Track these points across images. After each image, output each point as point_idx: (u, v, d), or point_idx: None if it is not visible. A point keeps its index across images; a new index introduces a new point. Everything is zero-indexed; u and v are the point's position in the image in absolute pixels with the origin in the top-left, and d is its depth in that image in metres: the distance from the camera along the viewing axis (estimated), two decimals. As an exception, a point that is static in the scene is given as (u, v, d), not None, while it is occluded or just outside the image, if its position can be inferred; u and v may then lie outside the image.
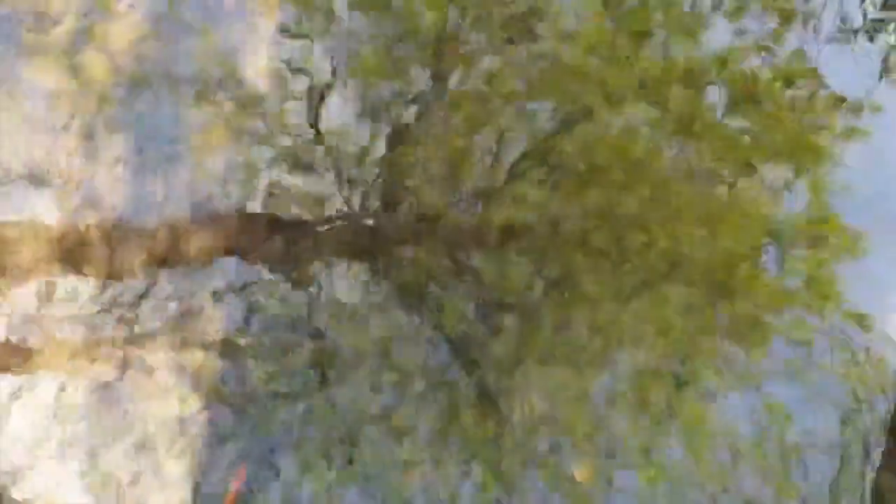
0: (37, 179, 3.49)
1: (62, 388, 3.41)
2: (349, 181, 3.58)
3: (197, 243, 3.43)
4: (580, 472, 3.28)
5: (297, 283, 3.54)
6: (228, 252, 3.51)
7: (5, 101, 3.47)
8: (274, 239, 3.52)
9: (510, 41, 3.59)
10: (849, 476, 3.49)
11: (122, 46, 3.50)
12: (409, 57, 3.55)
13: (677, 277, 3.39)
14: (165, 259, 3.46)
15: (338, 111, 3.62)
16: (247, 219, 3.53)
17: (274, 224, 3.55)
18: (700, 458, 3.45)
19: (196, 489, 3.32)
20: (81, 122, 3.49)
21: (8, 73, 3.46)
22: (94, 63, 3.51)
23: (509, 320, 3.35)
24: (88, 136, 3.50)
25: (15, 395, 3.42)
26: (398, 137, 3.59)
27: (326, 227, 3.56)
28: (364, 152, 3.59)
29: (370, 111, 3.59)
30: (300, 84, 3.62)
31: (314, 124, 3.58)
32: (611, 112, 3.46)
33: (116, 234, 3.49)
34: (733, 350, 3.51)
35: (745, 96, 3.50)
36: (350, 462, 3.41)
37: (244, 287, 3.50)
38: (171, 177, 3.49)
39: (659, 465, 3.49)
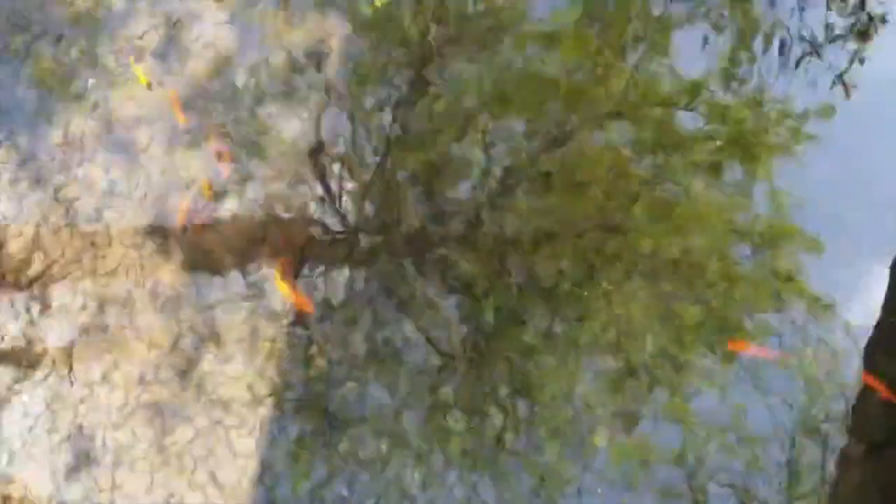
0: (121, 193, 4.03)
1: (141, 377, 3.92)
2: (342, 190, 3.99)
3: (268, 249, 3.97)
4: (598, 439, 3.79)
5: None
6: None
7: (99, 127, 4.07)
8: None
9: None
10: (806, 463, 3.71)
11: (195, 82, 4.09)
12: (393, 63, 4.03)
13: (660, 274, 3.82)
14: (243, 261, 3.99)
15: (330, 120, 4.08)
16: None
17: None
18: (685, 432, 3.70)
19: (264, 461, 3.78)
20: (158, 144, 4.05)
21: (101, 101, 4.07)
22: (169, 95, 4.08)
23: (539, 314, 3.83)
24: (164, 155, 4.06)
25: (103, 379, 3.92)
26: (385, 145, 4.01)
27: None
28: (355, 160, 4.02)
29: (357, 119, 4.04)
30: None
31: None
32: (592, 131, 3.90)
33: (190, 240, 4.02)
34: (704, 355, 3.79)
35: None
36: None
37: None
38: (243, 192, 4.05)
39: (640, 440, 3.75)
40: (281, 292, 3.85)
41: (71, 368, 3.87)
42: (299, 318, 3.88)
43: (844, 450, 3.73)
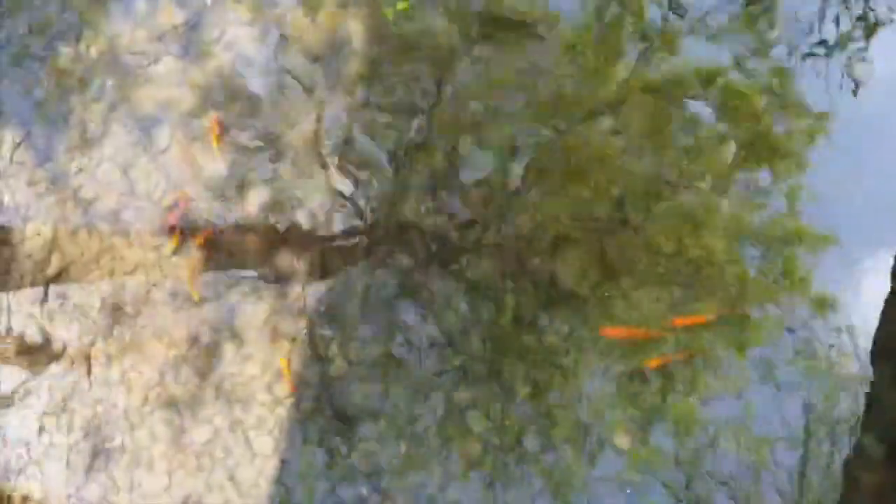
0: (139, 193, 4.03)
1: (160, 377, 3.92)
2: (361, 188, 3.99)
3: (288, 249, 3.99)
4: (621, 441, 3.80)
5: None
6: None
7: (118, 128, 4.08)
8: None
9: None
10: (816, 468, 3.67)
11: (212, 83, 4.10)
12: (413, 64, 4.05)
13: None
14: (263, 261, 4.01)
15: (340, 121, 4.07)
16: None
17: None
18: (684, 440, 3.71)
19: (283, 461, 3.77)
20: (179, 146, 4.07)
21: (120, 101, 4.09)
22: (187, 96, 4.10)
23: (558, 316, 3.84)
24: (186, 157, 4.07)
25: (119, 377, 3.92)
26: (404, 146, 4.02)
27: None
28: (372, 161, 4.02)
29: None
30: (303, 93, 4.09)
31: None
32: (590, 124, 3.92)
33: (207, 243, 4.03)
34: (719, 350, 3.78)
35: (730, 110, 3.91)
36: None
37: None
38: (259, 195, 4.06)
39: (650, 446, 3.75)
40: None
41: (89, 368, 3.88)
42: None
43: (862, 451, 3.71)
